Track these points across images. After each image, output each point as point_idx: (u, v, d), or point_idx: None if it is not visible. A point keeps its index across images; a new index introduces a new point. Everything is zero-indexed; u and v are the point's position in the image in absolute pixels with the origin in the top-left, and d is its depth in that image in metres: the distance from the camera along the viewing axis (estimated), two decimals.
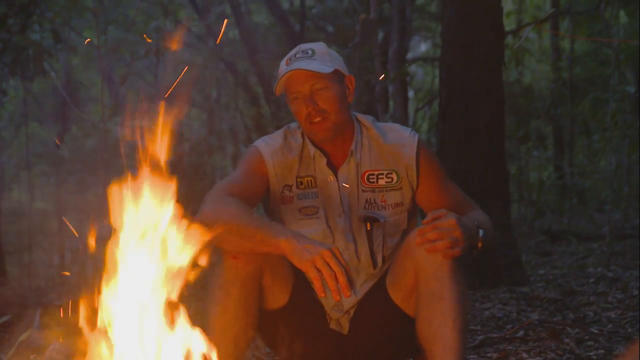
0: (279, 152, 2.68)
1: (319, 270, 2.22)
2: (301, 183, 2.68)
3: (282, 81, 2.59)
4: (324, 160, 2.67)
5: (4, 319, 3.81)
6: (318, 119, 2.56)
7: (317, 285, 2.23)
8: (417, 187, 2.67)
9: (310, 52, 2.60)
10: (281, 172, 2.67)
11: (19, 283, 8.82)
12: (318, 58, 2.59)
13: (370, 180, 2.68)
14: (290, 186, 2.68)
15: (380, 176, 2.68)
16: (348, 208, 2.66)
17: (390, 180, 2.67)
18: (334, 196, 2.67)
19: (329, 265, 2.22)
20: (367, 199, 2.67)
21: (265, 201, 2.73)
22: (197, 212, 2.42)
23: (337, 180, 2.67)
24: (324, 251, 2.22)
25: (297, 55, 2.60)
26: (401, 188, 2.67)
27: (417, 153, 2.65)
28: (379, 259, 2.68)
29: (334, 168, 2.68)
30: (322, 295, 2.24)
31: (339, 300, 2.22)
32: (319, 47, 2.64)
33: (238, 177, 2.62)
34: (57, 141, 10.90)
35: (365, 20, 5.23)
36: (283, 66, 2.61)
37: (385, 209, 2.66)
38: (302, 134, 2.71)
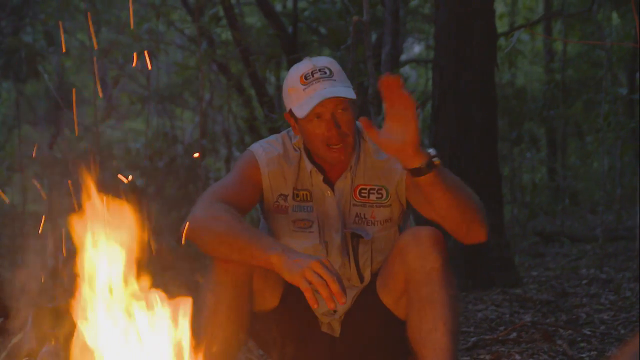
0: (276, 161, 2.65)
1: (310, 282, 2.21)
2: (297, 195, 2.66)
3: (311, 106, 2.47)
4: (320, 177, 2.64)
5: None
6: (340, 145, 2.51)
7: (308, 296, 2.21)
8: (407, 197, 2.63)
9: (327, 71, 2.52)
10: (276, 181, 2.64)
11: (11, 285, 8.79)
12: (337, 78, 2.53)
13: (362, 194, 2.65)
14: (286, 196, 2.66)
15: (371, 191, 2.65)
16: (342, 223, 2.65)
17: (380, 196, 2.65)
18: (331, 212, 2.64)
19: (320, 276, 2.21)
20: (357, 213, 2.65)
21: (262, 204, 2.71)
22: (189, 216, 2.41)
23: (335, 195, 2.66)
24: (312, 262, 2.21)
25: (315, 75, 2.51)
26: (390, 205, 2.65)
27: None
28: (367, 274, 2.67)
29: (330, 183, 2.66)
30: (315, 306, 2.22)
31: (333, 309, 2.20)
32: (332, 64, 2.56)
33: (232, 182, 2.59)
34: (50, 146, 10.88)
35: (358, 22, 5.22)
36: (298, 84, 2.52)
37: (374, 224, 2.65)
38: (302, 147, 2.67)
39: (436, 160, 2.22)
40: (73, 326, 2.02)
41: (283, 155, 2.66)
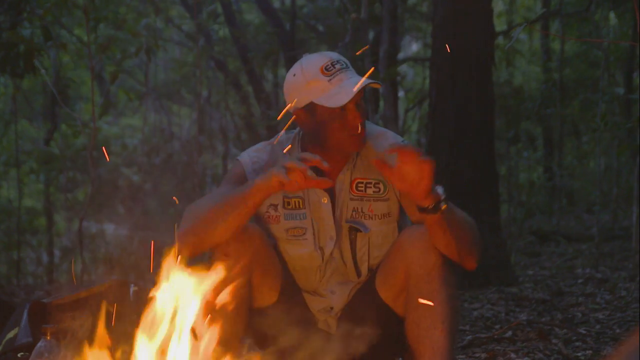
0: (263, 172, 2.55)
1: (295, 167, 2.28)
2: (288, 204, 2.63)
3: (349, 94, 2.45)
4: None
5: None
6: (362, 133, 2.52)
7: (302, 175, 2.29)
8: (399, 196, 2.64)
9: (344, 63, 2.52)
10: None
11: (7, 281, 8.79)
12: (352, 69, 2.54)
13: (359, 188, 2.63)
14: (276, 205, 2.63)
15: (368, 185, 2.63)
16: (339, 226, 2.63)
17: (377, 190, 2.63)
18: (327, 219, 2.62)
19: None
20: (354, 208, 2.62)
21: (255, 216, 2.68)
22: (177, 234, 2.40)
23: (331, 201, 2.63)
24: (286, 164, 2.29)
25: (337, 66, 2.49)
26: (388, 199, 2.63)
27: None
28: (364, 268, 2.65)
29: (329, 189, 2.62)
30: (329, 184, 2.34)
31: (332, 186, 2.26)
32: (343, 57, 2.58)
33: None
34: (46, 141, 10.89)
35: (356, 20, 5.22)
36: (320, 76, 2.48)
37: (372, 219, 2.62)
38: (296, 152, 2.63)
39: (443, 205, 2.26)
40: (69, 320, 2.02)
41: (270, 164, 2.57)
